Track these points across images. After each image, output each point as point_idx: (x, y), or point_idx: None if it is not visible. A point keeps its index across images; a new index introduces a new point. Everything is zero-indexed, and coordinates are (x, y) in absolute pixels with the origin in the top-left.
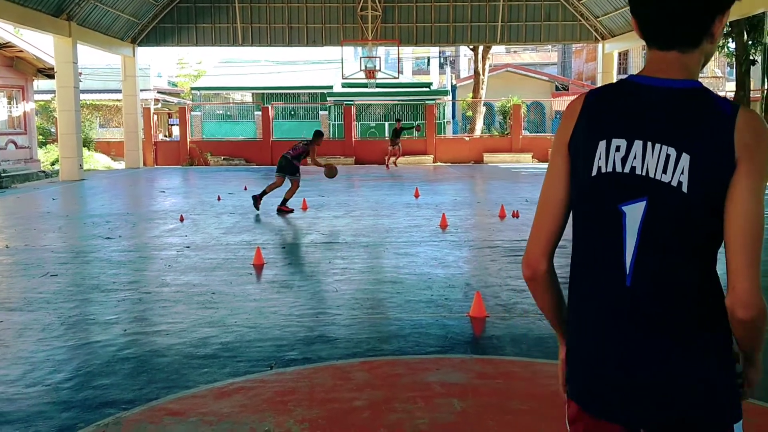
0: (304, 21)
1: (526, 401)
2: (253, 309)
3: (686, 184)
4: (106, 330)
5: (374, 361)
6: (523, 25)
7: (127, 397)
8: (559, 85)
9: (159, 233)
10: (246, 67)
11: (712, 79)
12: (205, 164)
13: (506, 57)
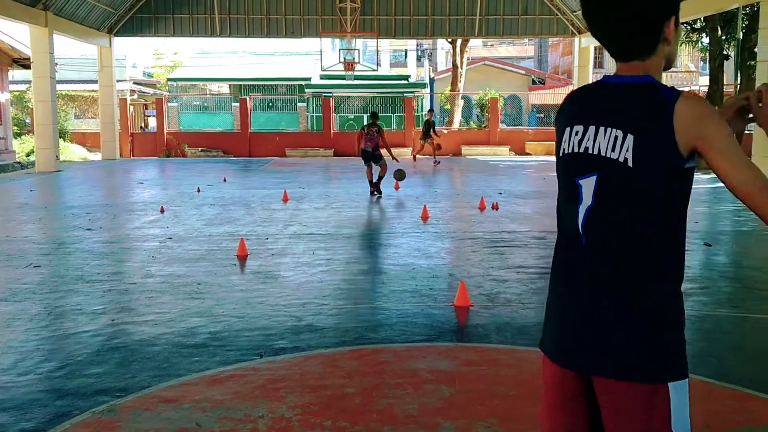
0: (282, 12)
1: (513, 387)
2: (239, 299)
3: (631, 160)
4: (94, 320)
5: (362, 350)
6: (501, 19)
7: (119, 385)
8: (536, 79)
9: (140, 224)
10: (223, 58)
11: (685, 73)
12: (182, 156)
13: (483, 50)
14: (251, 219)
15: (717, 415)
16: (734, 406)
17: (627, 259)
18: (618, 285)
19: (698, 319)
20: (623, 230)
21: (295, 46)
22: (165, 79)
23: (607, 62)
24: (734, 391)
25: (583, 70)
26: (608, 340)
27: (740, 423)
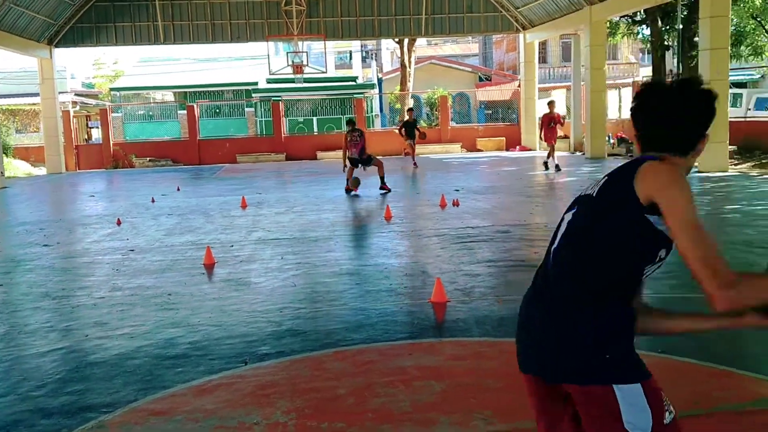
0: (227, 17)
1: (501, 379)
2: (214, 307)
3: (596, 192)
4: (67, 336)
5: (347, 351)
6: (447, 18)
7: (105, 401)
8: (482, 76)
9: (98, 238)
10: (166, 66)
11: (626, 65)
12: (130, 166)
13: (428, 49)
14: (212, 227)
15: (704, 395)
16: (719, 384)
17: (575, 285)
18: (567, 306)
19: (670, 302)
20: (576, 264)
21: (240, 50)
22: (107, 89)
23: (550, 57)
24: (716, 370)
25: (529, 65)
26: (559, 352)
27: (727, 400)
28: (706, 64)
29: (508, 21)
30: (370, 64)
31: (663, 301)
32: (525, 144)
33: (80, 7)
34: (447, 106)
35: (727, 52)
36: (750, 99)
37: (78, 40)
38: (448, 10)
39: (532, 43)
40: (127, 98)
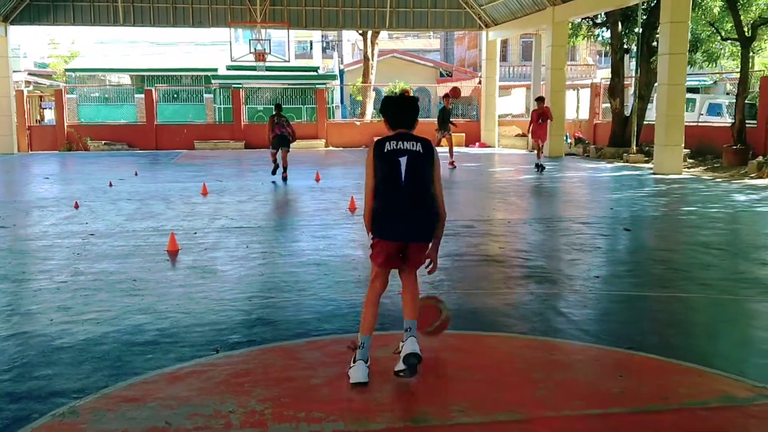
0: (189, 1)
1: (476, 371)
2: (181, 295)
3: (420, 150)
4: (31, 321)
5: (320, 341)
6: (411, 12)
7: (75, 386)
8: (443, 71)
9: (56, 221)
10: (124, 48)
11: (583, 66)
12: (84, 149)
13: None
14: (174, 213)
15: (671, 390)
16: (684, 380)
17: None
18: (422, 204)
19: (633, 299)
20: (422, 182)
21: (200, 35)
22: (62, 69)
23: (510, 56)
24: (680, 366)
25: (491, 63)
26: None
27: (694, 397)
28: (665, 69)
29: (471, 18)
30: (331, 55)
31: (627, 298)
32: (484, 141)
33: None
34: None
35: (685, 57)
36: (703, 104)
37: (34, 18)
38: (412, 5)
39: (495, 41)
40: (82, 80)
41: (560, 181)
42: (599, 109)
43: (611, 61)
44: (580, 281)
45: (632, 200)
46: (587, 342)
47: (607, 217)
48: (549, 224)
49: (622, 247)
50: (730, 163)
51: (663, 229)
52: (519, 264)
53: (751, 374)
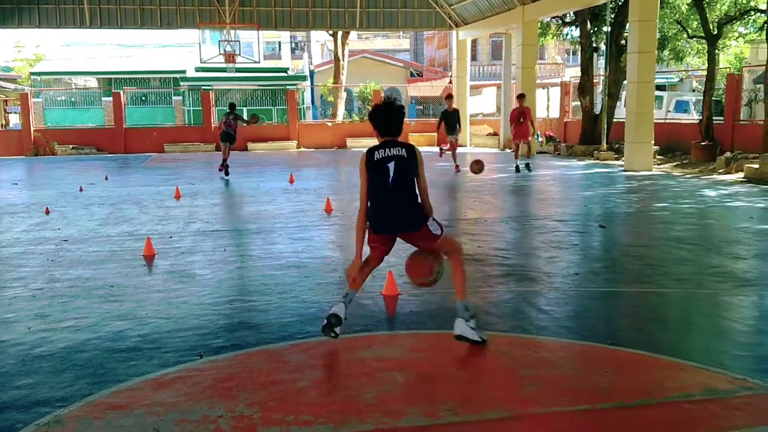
0: (157, 3)
1: (462, 370)
2: (160, 300)
3: (405, 155)
4: (8, 329)
5: (305, 343)
6: (381, 12)
7: (57, 395)
8: (414, 71)
9: (27, 227)
10: (91, 51)
11: (552, 65)
12: (52, 154)
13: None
14: (147, 218)
15: (656, 384)
16: (667, 374)
17: (409, 192)
18: (409, 200)
19: (613, 296)
20: (408, 182)
21: (167, 37)
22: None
23: (480, 55)
24: (663, 361)
25: (461, 62)
26: (407, 220)
27: (677, 390)
28: (634, 67)
29: (441, 18)
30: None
31: (606, 294)
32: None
33: None
34: (380, 101)
35: (653, 55)
36: (670, 101)
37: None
38: (382, 5)
39: (465, 40)
40: (48, 83)
41: (533, 180)
42: (569, 107)
43: (580, 60)
44: (559, 278)
45: (605, 197)
46: (570, 339)
47: (582, 214)
48: (525, 222)
49: (598, 244)
50: (699, 159)
51: (637, 226)
52: (498, 263)
53: (731, 366)
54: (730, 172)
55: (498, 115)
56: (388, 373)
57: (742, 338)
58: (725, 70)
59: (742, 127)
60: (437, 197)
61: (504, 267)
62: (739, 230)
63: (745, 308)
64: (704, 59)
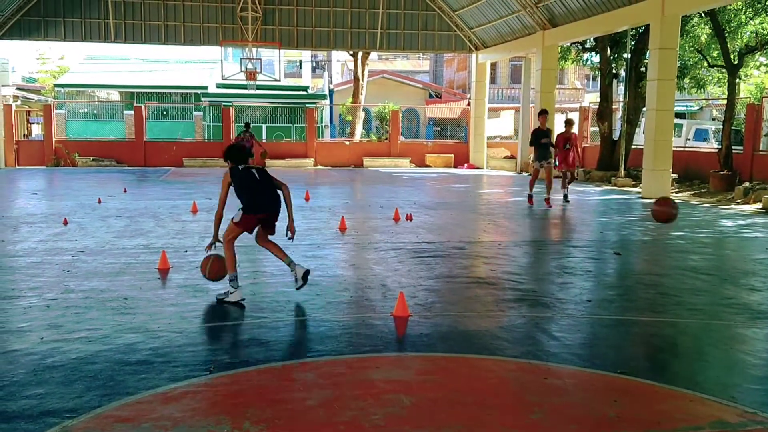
0: (181, 19)
1: (470, 394)
2: (173, 314)
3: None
4: (21, 338)
5: (314, 362)
6: (402, 34)
7: (67, 406)
8: (433, 93)
9: (45, 237)
10: (113, 64)
11: (572, 90)
12: (72, 165)
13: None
14: (164, 231)
15: (665, 415)
16: (677, 405)
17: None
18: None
19: (625, 324)
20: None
21: (190, 53)
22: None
23: (499, 78)
24: (674, 392)
25: (480, 85)
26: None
27: (686, 421)
28: (654, 94)
29: (461, 41)
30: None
31: (619, 322)
32: (473, 162)
33: (29, 0)
34: (398, 121)
35: (673, 83)
36: (690, 129)
37: (25, 33)
38: (403, 26)
39: (484, 63)
40: (71, 95)
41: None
42: (587, 132)
43: (600, 86)
44: (572, 305)
45: (621, 224)
46: (581, 366)
47: (597, 240)
48: (539, 247)
49: (613, 271)
50: (717, 188)
51: (652, 254)
52: (510, 287)
53: (742, 399)
54: (749, 203)
55: (516, 138)
56: (395, 395)
57: (754, 371)
58: (745, 99)
59: (761, 157)
60: (452, 219)
61: (516, 291)
62: (756, 262)
63: (758, 341)
64: (725, 88)
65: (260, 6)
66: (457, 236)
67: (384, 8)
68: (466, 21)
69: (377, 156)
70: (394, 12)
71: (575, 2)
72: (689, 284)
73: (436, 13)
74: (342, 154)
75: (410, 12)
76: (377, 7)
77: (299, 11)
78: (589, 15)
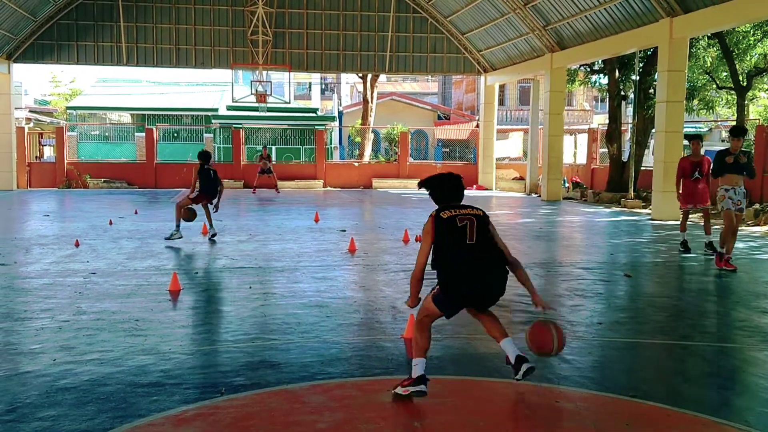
0: (192, 43)
1: (482, 418)
2: (184, 335)
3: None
4: (34, 360)
5: (325, 384)
6: (410, 56)
7: (79, 428)
8: (441, 114)
9: (57, 259)
10: (125, 87)
11: (580, 112)
12: (83, 187)
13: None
14: (174, 253)
15: None
16: (690, 429)
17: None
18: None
19: (637, 347)
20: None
21: (200, 76)
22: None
23: (508, 100)
24: (686, 415)
25: (489, 107)
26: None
27: None
28: (662, 116)
29: (470, 63)
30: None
31: (630, 345)
32: (482, 183)
33: (42, 24)
34: (407, 142)
35: (682, 105)
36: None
37: (38, 56)
38: (412, 49)
39: (493, 85)
40: (83, 118)
41: (559, 226)
42: (596, 154)
43: (608, 107)
44: (583, 327)
45: (632, 246)
46: (592, 389)
47: (607, 262)
48: (549, 269)
49: (624, 294)
50: None
51: (663, 276)
52: (521, 309)
53: (756, 424)
54: (759, 224)
55: (524, 159)
56: (407, 418)
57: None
58: (754, 121)
59: None
60: None
61: (527, 314)
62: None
63: None
64: (734, 110)
65: (270, 29)
66: None
67: (393, 31)
68: (475, 44)
69: (386, 177)
70: (403, 35)
71: (583, 25)
72: (701, 307)
73: (445, 36)
74: (351, 175)
75: (419, 35)
76: (386, 30)
77: (309, 34)
78: (597, 37)
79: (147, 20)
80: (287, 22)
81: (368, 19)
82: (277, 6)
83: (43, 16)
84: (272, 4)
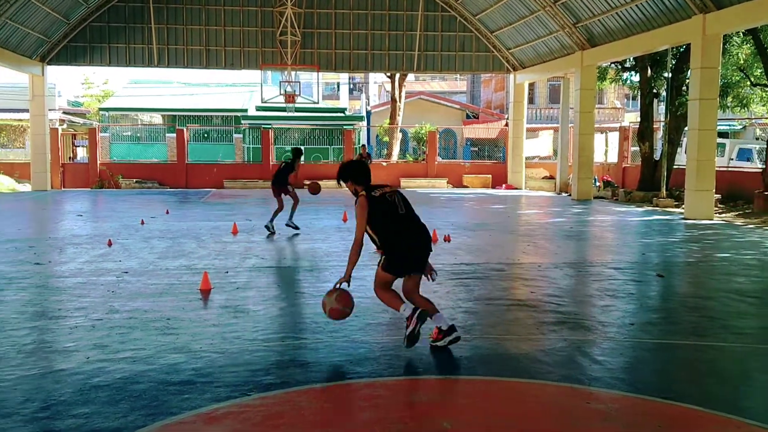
0: (222, 44)
1: (511, 420)
2: (215, 334)
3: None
4: (68, 358)
5: (354, 384)
6: (439, 55)
7: (113, 425)
8: (470, 113)
9: (90, 258)
10: (156, 88)
11: (611, 110)
12: (116, 187)
13: (416, 84)
14: (205, 252)
15: None
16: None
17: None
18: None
19: (669, 348)
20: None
21: (230, 77)
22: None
23: (537, 98)
24: (719, 417)
25: (518, 105)
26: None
27: None
28: (695, 114)
29: (499, 61)
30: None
31: (663, 346)
32: (511, 182)
33: (75, 26)
34: (435, 142)
35: (715, 102)
36: (733, 149)
37: (71, 58)
38: (440, 48)
39: (522, 83)
40: (116, 119)
41: (590, 225)
42: (628, 152)
43: (640, 105)
44: (614, 328)
45: (664, 245)
46: (624, 391)
47: (639, 262)
48: (580, 269)
49: (656, 294)
50: (762, 209)
51: (696, 276)
52: (551, 309)
53: None
54: None
55: (554, 158)
56: (436, 418)
57: None
58: None
59: None
60: (490, 240)
61: (557, 314)
62: None
63: None
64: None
65: (299, 30)
66: (495, 258)
67: (421, 30)
68: (504, 42)
69: (414, 177)
70: (432, 34)
71: (614, 22)
72: (734, 307)
73: (474, 35)
74: (379, 174)
75: (447, 34)
76: (414, 29)
77: (337, 34)
78: (628, 35)
79: (177, 22)
80: (316, 23)
81: (396, 19)
82: (305, 6)
83: (75, 18)
84: (301, 5)
